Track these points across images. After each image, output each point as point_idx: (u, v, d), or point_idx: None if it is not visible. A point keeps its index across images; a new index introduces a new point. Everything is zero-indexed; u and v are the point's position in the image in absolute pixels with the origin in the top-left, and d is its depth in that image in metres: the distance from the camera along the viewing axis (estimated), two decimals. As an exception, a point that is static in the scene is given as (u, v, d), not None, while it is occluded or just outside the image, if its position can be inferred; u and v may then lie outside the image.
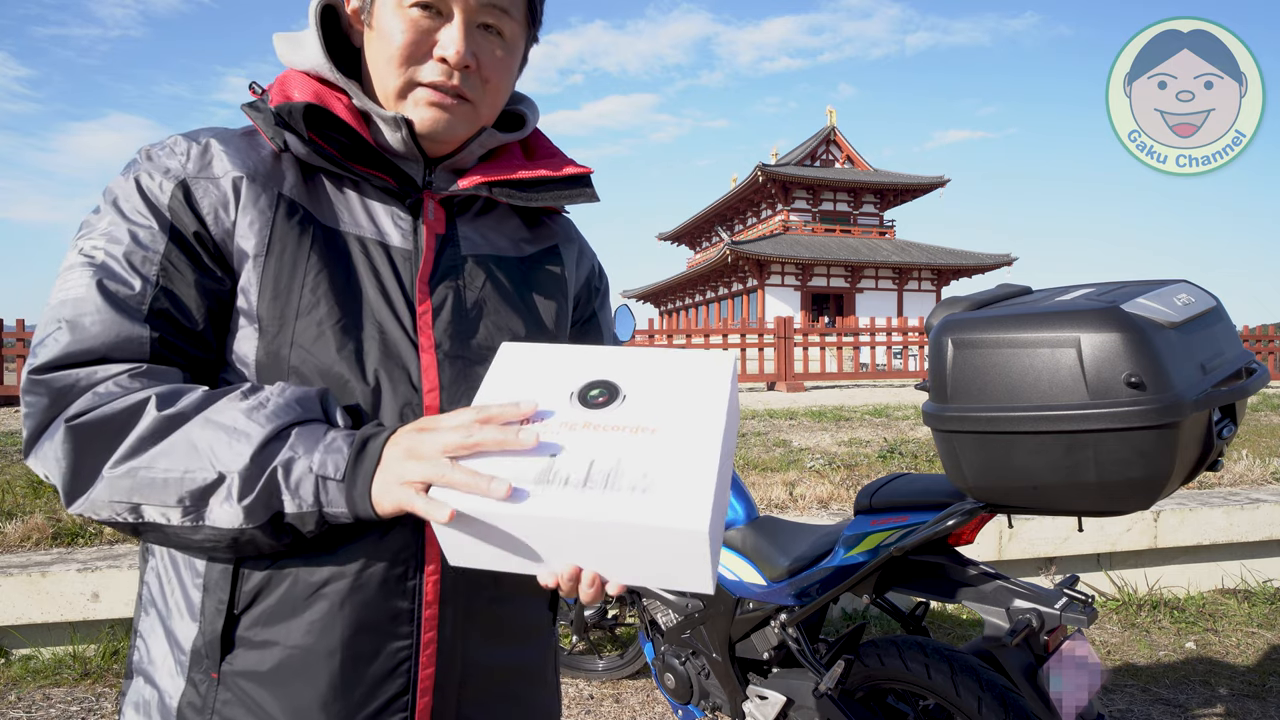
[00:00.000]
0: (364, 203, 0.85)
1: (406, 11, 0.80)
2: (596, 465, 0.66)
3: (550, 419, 0.70)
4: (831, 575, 1.75)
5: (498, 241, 0.92)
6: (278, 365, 0.78)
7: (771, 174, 35.12)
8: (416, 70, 0.82)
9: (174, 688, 0.78)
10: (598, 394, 0.72)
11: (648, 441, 0.67)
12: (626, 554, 0.66)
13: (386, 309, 0.81)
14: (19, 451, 5.10)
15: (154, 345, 0.75)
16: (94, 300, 0.73)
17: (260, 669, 0.76)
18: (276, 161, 0.83)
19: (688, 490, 0.63)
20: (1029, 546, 3.59)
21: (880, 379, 12.77)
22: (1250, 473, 4.63)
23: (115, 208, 0.78)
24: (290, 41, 0.87)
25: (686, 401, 0.71)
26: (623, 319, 2.18)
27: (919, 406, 7.13)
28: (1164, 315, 1.21)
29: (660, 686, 2.16)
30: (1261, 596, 3.69)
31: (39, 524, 3.51)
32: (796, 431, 6.19)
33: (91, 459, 0.70)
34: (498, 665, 0.87)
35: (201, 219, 0.78)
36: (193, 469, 0.69)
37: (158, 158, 0.80)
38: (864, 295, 35.68)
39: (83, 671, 2.91)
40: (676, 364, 0.76)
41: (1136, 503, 1.24)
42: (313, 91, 0.82)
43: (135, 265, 0.75)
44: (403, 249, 0.84)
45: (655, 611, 2.12)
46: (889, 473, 2.23)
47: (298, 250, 0.79)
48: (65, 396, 0.71)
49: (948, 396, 1.29)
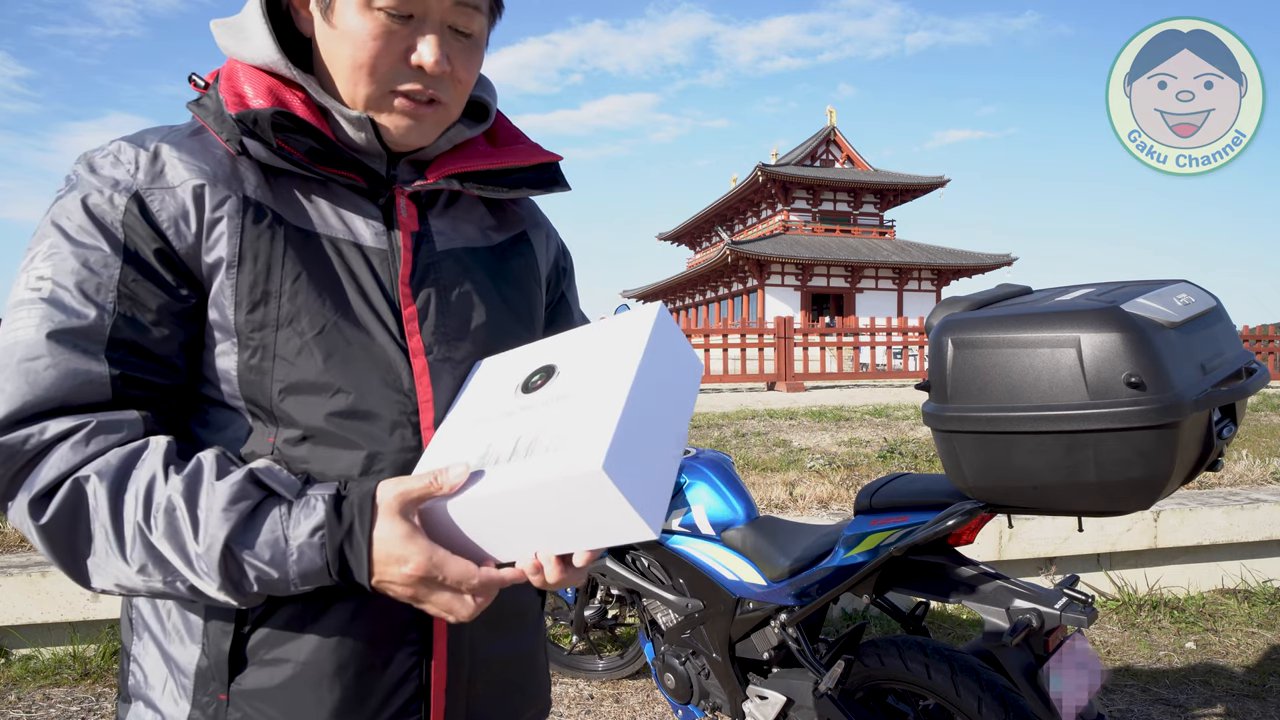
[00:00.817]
0: (332, 202, 0.80)
1: (374, 15, 0.74)
2: (521, 440, 0.68)
3: (497, 415, 0.73)
4: (831, 575, 1.75)
5: (468, 231, 0.89)
6: (261, 381, 0.74)
7: (771, 174, 35.13)
8: (389, 77, 0.77)
9: (179, 712, 0.76)
10: (536, 379, 0.76)
11: (565, 406, 0.69)
12: (561, 519, 0.66)
13: (371, 314, 0.78)
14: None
15: (115, 383, 0.70)
16: (43, 343, 0.68)
17: (271, 685, 0.74)
18: (234, 161, 0.77)
19: (588, 437, 0.64)
20: (1029, 546, 3.59)
21: (880, 379, 12.78)
22: (1250, 473, 4.63)
23: (60, 230, 0.71)
24: (232, 30, 0.80)
25: (605, 360, 0.73)
26: (623, 319, 2.17)
27: (919, 406, 7.13)
28: (1164, 315, 1.21)
29: (660, 686, 2.16)
30: (1261, 596, 3.69)
31: (39, 524, 3.51)
32: (796, 431, 6.19)
33: (74, 559, 0.68)
34: (498, 657, 0.87)
35: (161, 233, 0.72)
36: (169, 580, 0.68)
37: (101, 169, 0.74)
38: (864, 295, 35.68)
39: (83, 671, 2.91)
40: (606, 330, 0.77)
41: (1136, 503, 1.24)
42: (266, 89, 0.76)
43: (88, 294, 0.70)
44: (378, 249, 0.80)
45: (655, 611, 2.12)
46: (889, 473, 2.23)
47: (271, 256, 0.75)
48: (16, 459, 0.67)
49: (948, 396, 1.29)
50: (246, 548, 0.67)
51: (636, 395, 0.67)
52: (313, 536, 0.67)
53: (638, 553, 2.12)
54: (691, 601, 1.98)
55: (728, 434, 6.15)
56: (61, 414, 0.68)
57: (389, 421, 0.77)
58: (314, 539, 0.67)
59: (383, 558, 0.67)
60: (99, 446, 0.68)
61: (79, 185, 0.73)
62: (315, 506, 0.68)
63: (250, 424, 0.76)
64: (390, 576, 0.67)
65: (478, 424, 0.75)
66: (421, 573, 0.67)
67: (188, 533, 0.66)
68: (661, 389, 0.72)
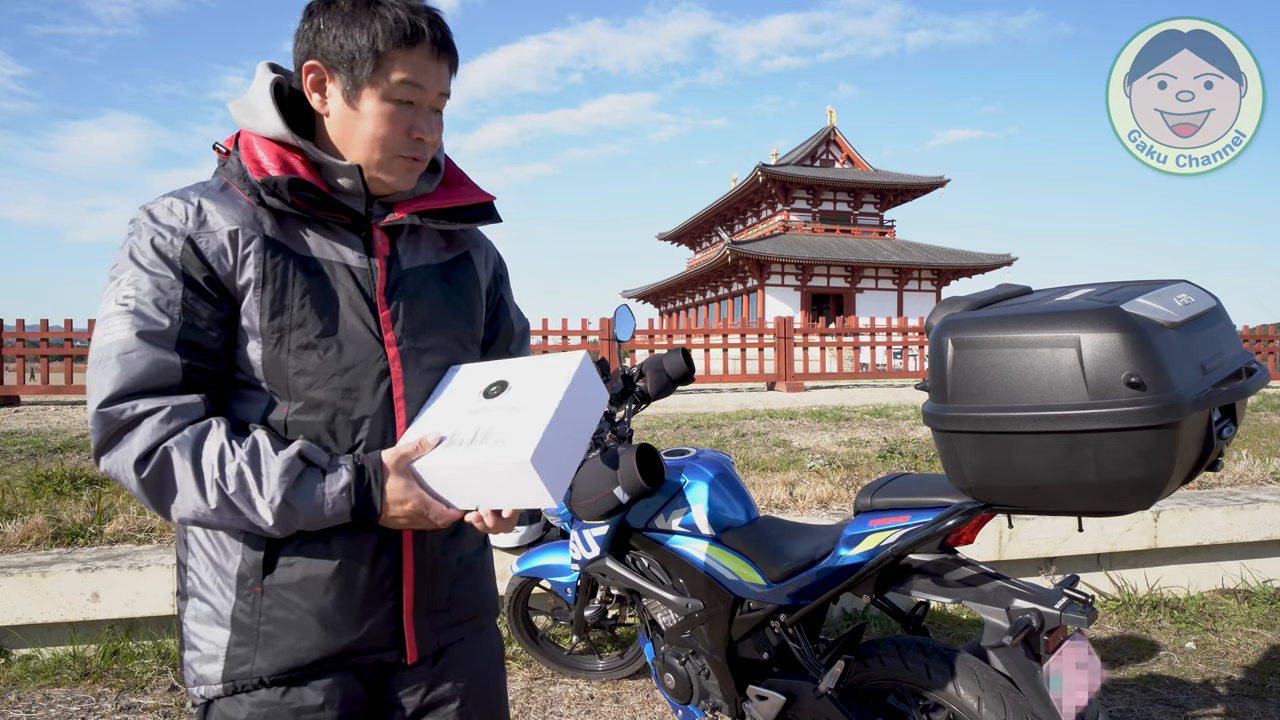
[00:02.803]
0: (326, 235, 1.11)
1: (388, 105, 1.07)
2: (479, 432, 1.03)
3: (463, 410, 1.08)
4: (831, 575, 1.75)
5: (425, 253, 1.20)
6: (278, 367, 1.06)
7: (771, 174, 35.12)
8: (398, 146, 1.10)
9: (226, 602, 1.08)
10: (494, 389, 1.09)
11: (511, 414, 1.03)
12: (497, 485, 1.01)
13: (356, 317, 1.09)
14: (19, 451, 5.10)
15: (184, 370, 1.01)
16: (135, 340, 0.99)
17: (292, 581, 1.07)
18: (254, 209, 1.08)
19: (523, 439, 0.98)
20: (1029, 546, 3.59)
21: (880, 379, 12.78)
22: (1250, 473, 4.63)
23: (137, 263, 1.02)
24: (247, 110, 1.10)
25: (542, 388, 1.05)
26: (622, 319, 2.17)
27: (919, 406, 7.13)
28: (1164, 315, 1.21)
29: (660, 686, 2.16)
30: (1261, 596, 3.69)
31: (39, 524, 3.51)
32: (796, 431, 6.19)
33: (160, 502, 1.01)
34: (453, 560, 1.21)
35: (208, 264, 1.04)
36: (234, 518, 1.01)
37: (161, 218, 1.04)
38: (864, 295, 35.67)
39: (83, 671, 2.91)
40: (546, 364, 1.10)
41: (1136, 503, 1.24)
42: (276, 155, 1.07)
43: (161, 307, 1.01)
44: (361, 269, 1.12)
45: (655, 611, 2.12)
46: (889, 473, 2.23)
47: (285, 278, 1.06)
48: (113, 425, 0.98)
49: (948, 396, 1.29)
50: (299, 500, 1.00)
51: (558, 414, 1.01)
52: (342, 493, 1.02)
53: (638, 552, 2.12)
54: (691, 601, 1.98)
55: (728, 434, 6.15)
56: (147, 395, 0.99)
57: (373, 394, 1.09)
58: (342, 494, 1.02)
59: (391, 502, 1.04)
60: (177, 424, 0.99)
61: (146, 229, 1.04)
62: (342, 472, 1.03)
63: (271, 398, 1.07)
64: (394, 513, 1.05)
65: (450, 414, 1.08)
66: (415, 510, 1.04)
67: (254, 490, 0.99)
68: (575, 410, 1.05)
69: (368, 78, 1.06)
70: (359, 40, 1.05)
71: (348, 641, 1.10)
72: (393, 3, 1.06)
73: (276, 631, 1.07)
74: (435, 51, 1.08)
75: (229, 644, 1.08)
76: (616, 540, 2.15)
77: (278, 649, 1.07)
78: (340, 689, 1.10)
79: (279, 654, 1.07)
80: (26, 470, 4.48)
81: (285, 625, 1.07)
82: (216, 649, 1.08)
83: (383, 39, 1.05)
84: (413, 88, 1.08)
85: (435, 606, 1.18)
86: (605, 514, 1.69)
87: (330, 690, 1.10)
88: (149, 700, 2.75)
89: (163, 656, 3.03)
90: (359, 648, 1.11)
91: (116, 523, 3.60)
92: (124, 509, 3.80)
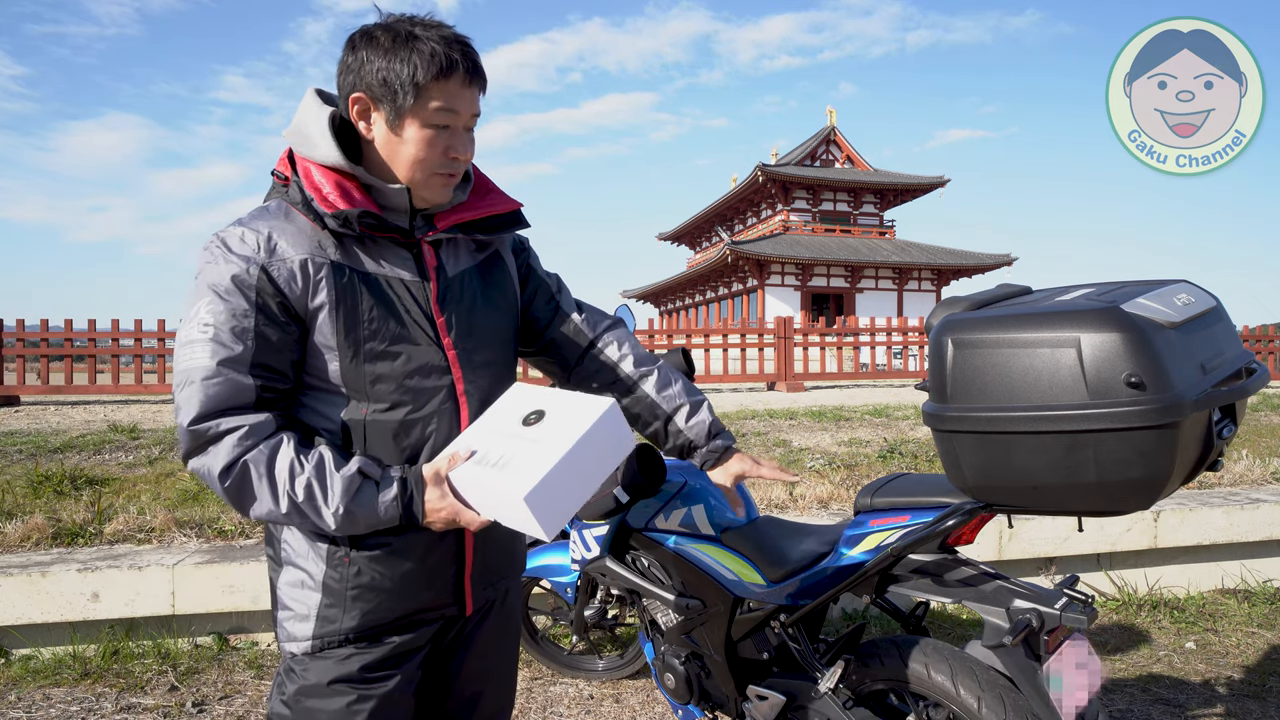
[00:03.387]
0: (381, 253, 1.25)
1: (428, 131, 1.20)
2: (503, 457, 1.14)
3: (501, 432, 1.20)
4: (831, 575, 1.75)
5: (464, 258, 1.35)
6: (358, 376, 1.21)
7: (771, 174, 35.11)
8: (436, 165, 1.23)
9: (318, 569, 1.25)
10: (532, 417, 1.20)
11: (532, 447, 1.13)
12: (506, 507, 1.13)
13: (417, 327, 1.25)
14: (19, 451, 5.10)
15: (258, 391, 1.15)
16: (214, 367, 1.13)
17: (378, 552, 1.24)
18: (317, 234, 1.21)
19: (527, 475, 1.09)
20: (1029, 546, 3.60)
21: (880, 379, 12.77)
22: (1250, 473, 4.63)
23: (214, 292, 1.15)
24: (303, 139, 1.23)
25: (564, 428, 1.14)
26: (623, 319, 2.17)
27: (919, 406, 7.13)
28: (1164, 315, 1.21)
29: (660, 686, 2.16)
30: (1261, 596, 3.69)
31: (39, 524, 3.51)
32: (796, 431, 6.19)
33: (241, 505, 1.16)
34: (494, 539, 1.37)
35: (280, 290, 1.17)
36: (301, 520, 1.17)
37: (236, 249, 1.17)
38: (864, 295, 35.65)
39: (83, 671, 2.91)
40: (580, 404, 1.18)
41: (1136, 503, 1.24)
42: (335, 184, 1.20)
43: (237, 334, 1.14)
44: (414, 281, 1.27)
45: (655, 611, 2.12)
46: (889, 473, 2.23)
47: (355, 298, 1.20)
48: (200, 440, 1.13)
49: (948, 396, 1.29)
50: (358, 509, 1.16)
51: (567, 457, 1.10)
52: (393, 503, 1.17)
53: (638, 552, 2.12)
54: (691, 601, 1.97)
55: (728, 434, 6.13)
56: (227, 414, 1.13)
57: (439, 392, 1.26)
58: (393, 504, 1.17)
59: (430, 510, 1.18)
60: (253, 441, 1.14)
61: (222, 259, 1.16)
62: (391, 485, 1.18)
63: (350, 401, 1.22)
64: (433, 518, 1.19)
65: (489, 432, 1.21)
66: (449, 516, 1.19)
67: (321, 500, 1.15)
68: (590, 452, 1.14)
69: (409, 108, 1.18)
70: (400, 74, 1.16)
71: (422, 603, 1.30)
72: (427, 36, 1.17)
73: (362, 595, 1.25)
74: (468, 79, 1.20)
75: (319, 605, 1.25)
76: (616, 540, 2.15)
77: (362, 609, 1.25)
78: (407, 642, 1.30)
79: (364, 614, 1.25)
80: (26, 470, 4.48)
81: (370, 589, 1.25)
82: (309, 609, 1.25)
83: (422, 72, 1.16)
84: (449, 113, 1.20)
85: (487, 568, 1.38)
86: (605, 514, 1.69)
87: (399, 644, 1.29)
88: (149, 700, 2.75)
89: (163, 656, 3.03)
90: (430, 605, 1.31)
91: (116, 523, 3.60)
92: (124, 509, 3.80)
